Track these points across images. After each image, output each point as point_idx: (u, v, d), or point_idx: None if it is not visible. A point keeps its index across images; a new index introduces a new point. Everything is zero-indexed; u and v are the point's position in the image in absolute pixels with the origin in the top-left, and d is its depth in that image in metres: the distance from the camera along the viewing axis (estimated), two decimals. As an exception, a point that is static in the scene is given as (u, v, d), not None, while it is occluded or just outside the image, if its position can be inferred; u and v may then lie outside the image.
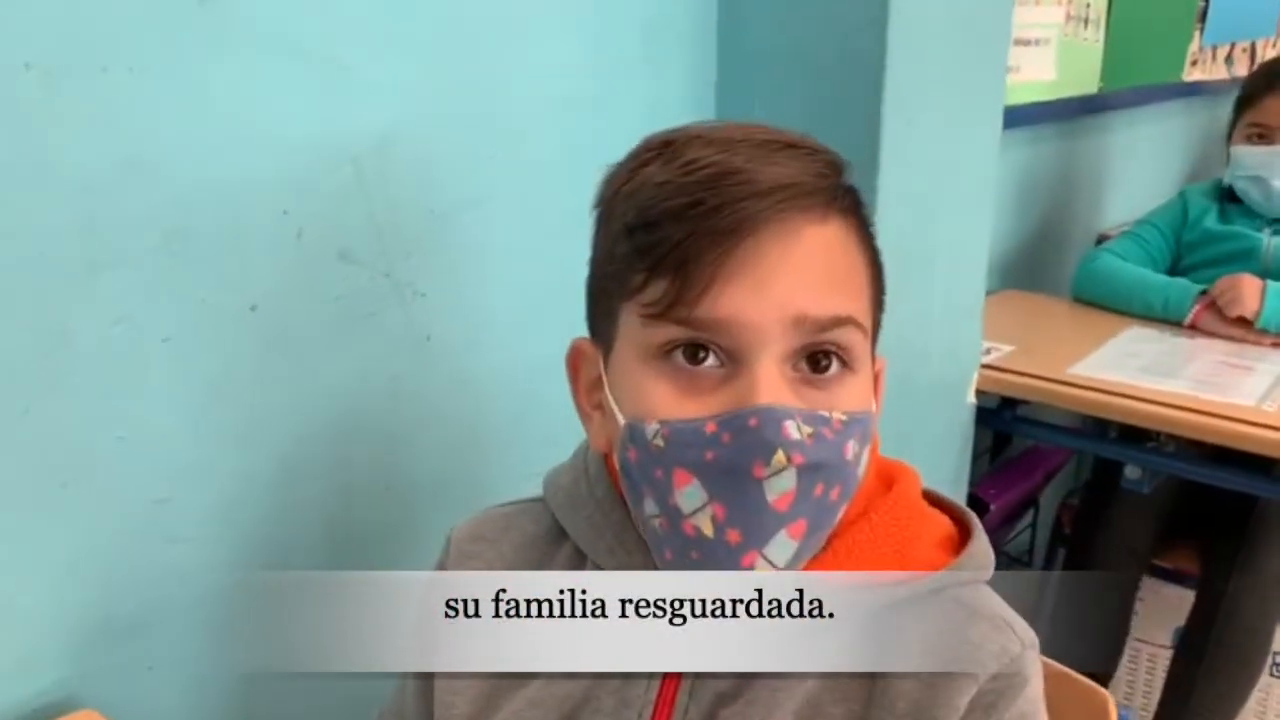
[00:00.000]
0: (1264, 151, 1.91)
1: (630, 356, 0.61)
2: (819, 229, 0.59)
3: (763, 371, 0.57)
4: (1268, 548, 1.66)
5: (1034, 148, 2.20)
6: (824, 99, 1.28)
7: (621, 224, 0.61)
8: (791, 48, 1.30)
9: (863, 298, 0.62)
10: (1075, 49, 2.17)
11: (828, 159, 0.62)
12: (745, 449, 0.56)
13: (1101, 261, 2.01)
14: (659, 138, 0.63)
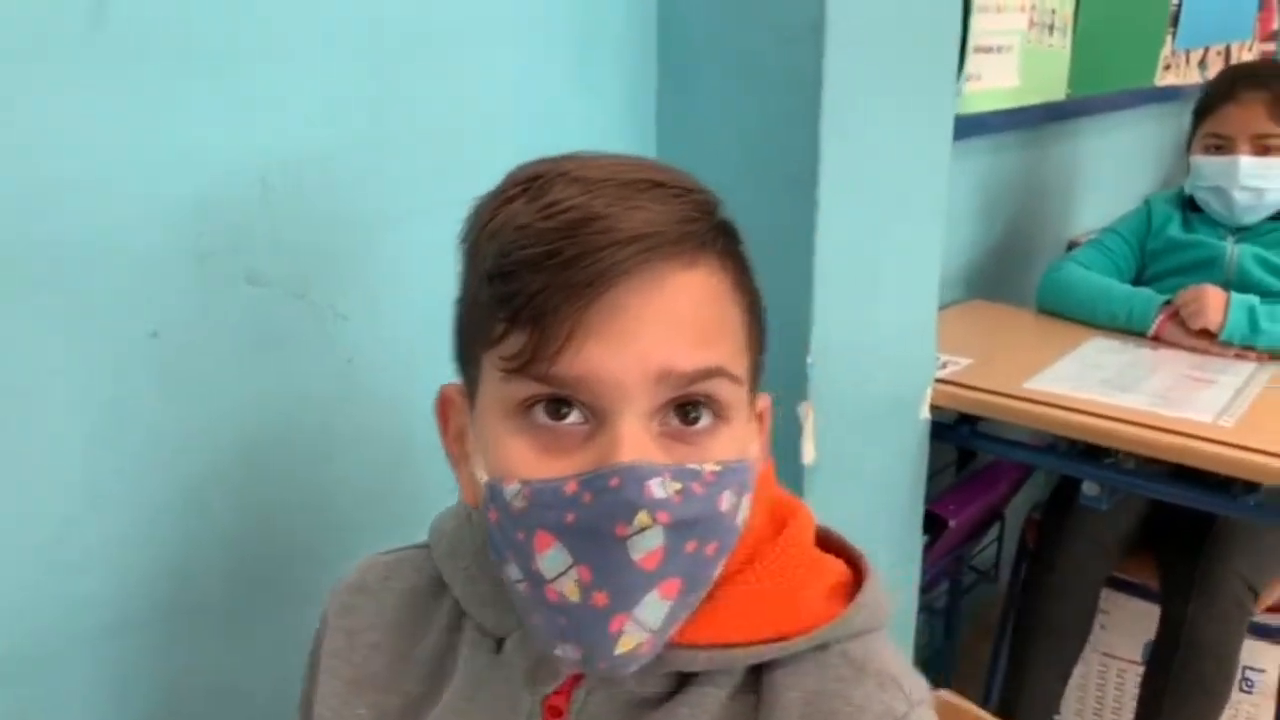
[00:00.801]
0: (1223, 162, 1.88)
1: (492, 410, 0.58)
2: (685, 276, 0.56)
3: (626, 428, 0.55)
4: (1225, 569, 1.64)
5: (998, 155, 2.17)
6: (763, 111, 1.25)
7: (483, 268, 0.58)
8: (730, 58, 1.27)
9: (735, 344, 0.59)
10: (1040, 55, 2.14)
11: (698, 199, 0.59)
12: (606, 509, 0.54)
13: (1065, 271, 1.98)
14: (527, 171, 0.60)
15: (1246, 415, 1.47)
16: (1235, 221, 1.92)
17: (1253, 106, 1.87)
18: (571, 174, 0.57)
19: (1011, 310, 2.03)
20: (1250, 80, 1.89)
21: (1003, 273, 2.23)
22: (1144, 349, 1.78)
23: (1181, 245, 1.96)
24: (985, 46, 1.95)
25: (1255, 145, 1.87)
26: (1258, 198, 1.88)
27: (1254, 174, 1.87)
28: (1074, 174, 2.47)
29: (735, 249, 0.61)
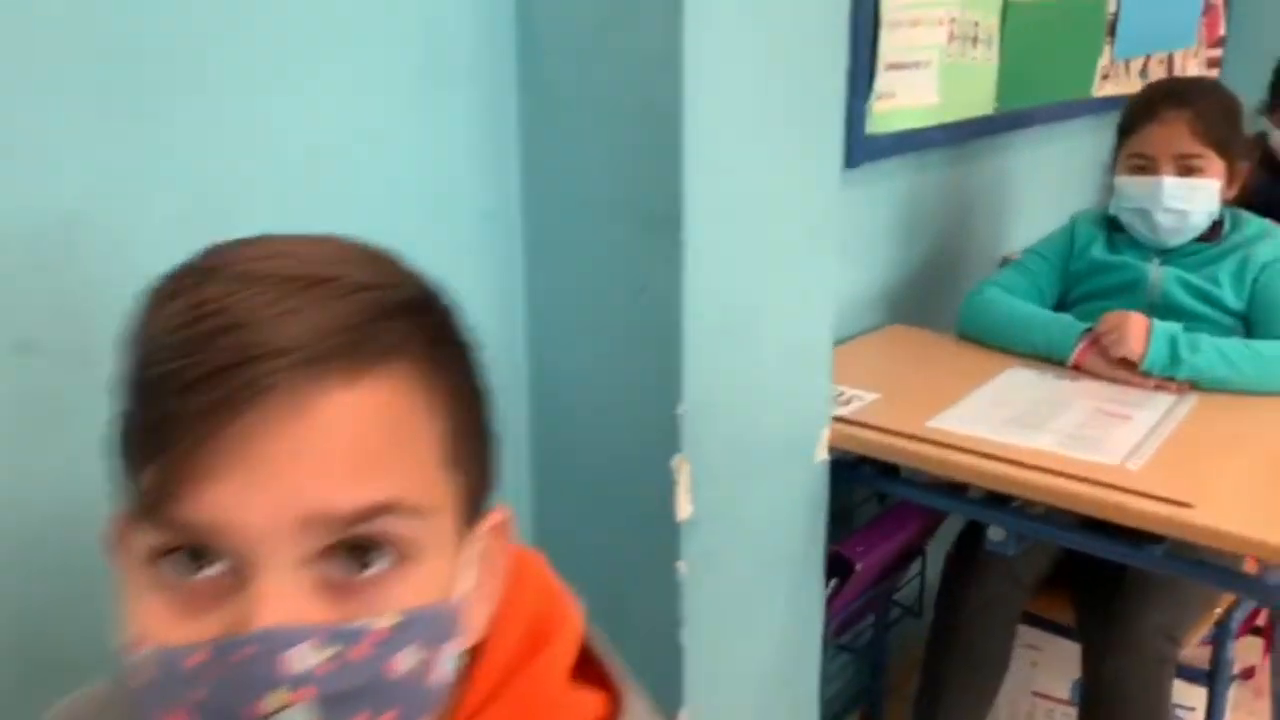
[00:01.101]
0: (1146, 183, 1.81)
1: (128, 558, 0.49)
2: (343, 395, 0.47)
3: (267, 585, 0.45)
4: (1144, 623, 1.56)
5: (921, 174, 2.09)
6: (625, 145, 1.17)
7: (127, 377, 0.49)
8: (591, 89, 1.18)
9: (422, 470, 0.50)
10: (963, 70, 2.07)
11: (373, 298, 0.49)
12: (237, 686, 0.45)
13: (984, 296, 1.90)
14: (199, 258, 0.51)
15: (1155, 457, 1.39)
16: (1159, 244, 1.85)
17: (1175, 125, 1.79)
18: (234, 267, 0.48)
19: (933, 337, 1.96)
20: (1172, 98, 1.82)
21: (929, 296, 2.15)
22: (1063, 380, 1.71)
23: (1105, 267, 1.89)
24: (900, 63, 1.87)
25: (1178, 166, 1.80)
26: (1181, 220, 1.81)
27: (1177, 196, 1.80)
28: (1006, 190, 2.40)
29: (435, 352, 0.51)
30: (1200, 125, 1.79)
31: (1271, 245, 1.80)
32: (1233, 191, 1.87)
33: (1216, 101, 1.84)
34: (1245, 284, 1.80)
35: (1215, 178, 1.81)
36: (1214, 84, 1.91)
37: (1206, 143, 1.79)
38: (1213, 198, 1.81)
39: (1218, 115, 1.81)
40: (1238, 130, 1.86)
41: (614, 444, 1.26)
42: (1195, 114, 1.79)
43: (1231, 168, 1.83)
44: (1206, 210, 1.82)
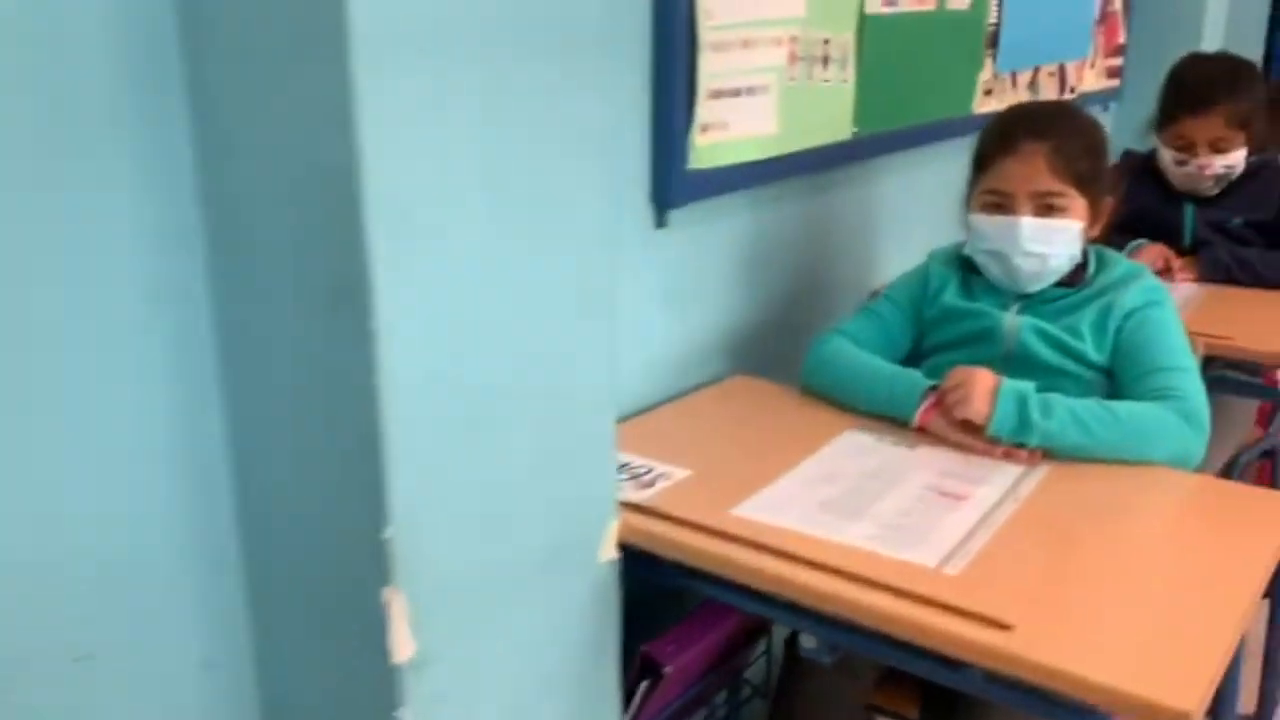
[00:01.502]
0: (1003, 223, 1.63)
1: None
2: None
3: None
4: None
5: (766, 210, 1.90)
6: (302, 213, 0.96)
7: None
8: (265, 150, 0.97)
9: None
10: (811, 94, 1.88)
11: None
12: None
13: (828, 346, 1.71)
14: None
15: (981, 556, 1.20)
16: (1018, 289, 1.67)
17: (1033, 160, 1.61)
18: None
19: (776, 390, 1.76)
20: (1029, 129, 1.64)
21: (781, 342, 1.96)
22: (902, 446, 1.52)
23: (958, 315, 1.71)
24: (728, 90, 1.67)
25: (1037, 205, 1.62)
26: (1041, 264, 1.63)
27: (1036, 238, 1.61)
28: (874, 221, 2.22)
29: None
30: (1060, 160, 1.61)
31: (1137, 291, 1.63)
32: (1096, 230, 1.69)
33: (1078, 132, 1.66)
34: (1108, 334, 1.62)
35: (1077, 217, 1.63)
36: (1075, 111, 1.73)
37: (1068, 179, 1.61)
38: (1075, 239, 1.64)
39: (1079, 148, 1.64)
40: (1101, 163, 1.68)
41: (321, 573, 1.05)
42: (1054, 147, 1.61)
43: (1095, 205, 1.66)
44: (1068, 253, 1.64)
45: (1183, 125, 2.32)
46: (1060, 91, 2.91)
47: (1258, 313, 2.11)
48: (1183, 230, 2.40)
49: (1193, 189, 2.37)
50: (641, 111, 1.57)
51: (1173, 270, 2.32)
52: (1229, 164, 2.31)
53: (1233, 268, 2.28)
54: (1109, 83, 3.27)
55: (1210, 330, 1.94)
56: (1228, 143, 2.29)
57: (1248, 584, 1.18)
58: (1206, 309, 2.14)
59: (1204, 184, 2.34)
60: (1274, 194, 2.35)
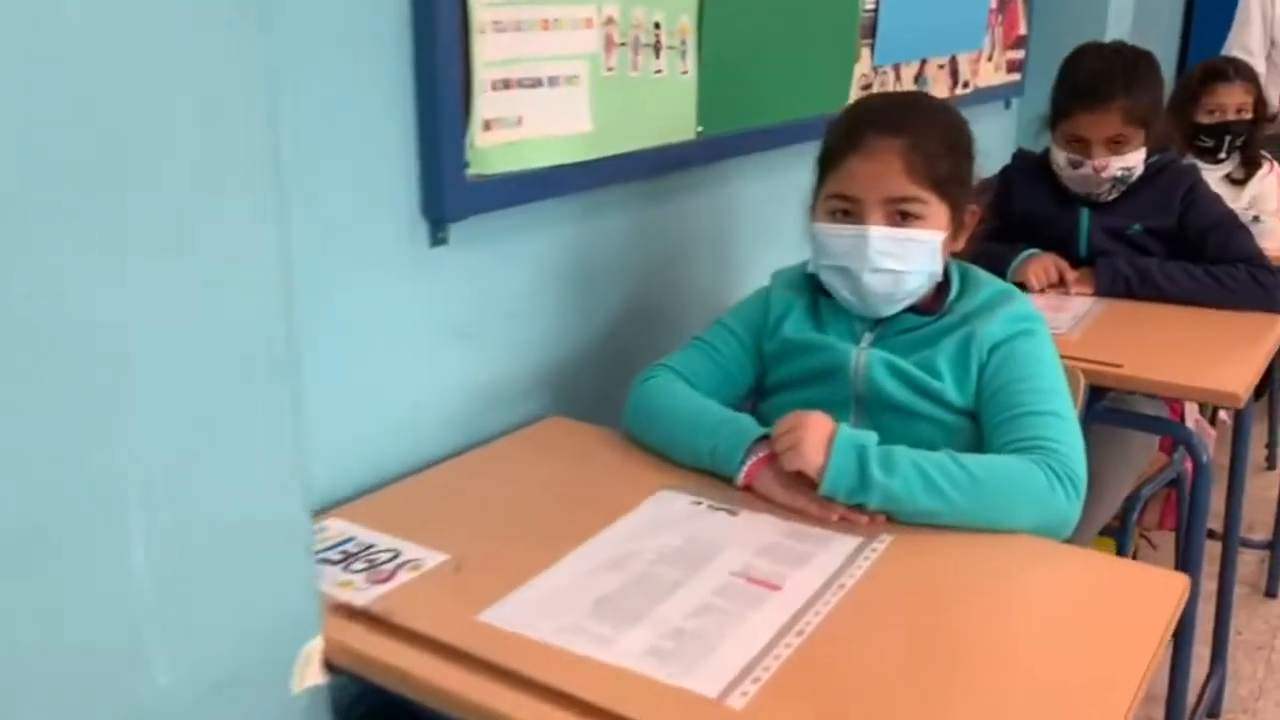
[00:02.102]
0: (850, 233, 1.37)
1: None
2: None
3: None
4: None
5: (586, 222, 1.62)
6: None
7: None
8: None
9: None
10: (637, 86, 1.61)
11: None
12: None
13: (650, 384, 1.44)
14: None
15: (780, 677, 0.94)
16: (869, 313, 1.42)
17: (884, 159, 1.36)
18: None
19: (595, 435, 1.48)
20: (880, 122, 1.38)
21: (608, 376, 1.68)
22: (721, 512, 1.25)
23: (800, 348, 1.45)
24: (525, 80, 1.40)
25: (889, 211, 1.36)
26: (894, 282, 1.38)
27: (888, 250, 1.36)
28: (727, 232, 1.95)
29: None
30: (917, 160, 1.35)
31: (1003, 319, 1.38)
32: (960, 243, 1.44)
33: (938, 128, 1.41)
34: (970, 371, 1.37)
35: (937, 227, 1.38)
36: (935, 104, 1.48)
37: (926, 182, 1.36)
38: (934, 254, 1.39)
39: (940, 146, 1.38)
40: (966, 164, 1.43)
41: None
42: (910, 145, 1.36)
43: (958, 213, 1.41)
44: (927, 270, 1.39)
45: (1076, 122, 2.08)
46: (953, 87, 2.67)
47: (1157, 333, 1.88)
48: (1077, 237, 2.17)
49: (1088, 192, 2.14)
50: (405, 108, 1.29)
51: (1066, 283, 2.09)
52: (1127, 165, 2.09)
53: (1132, 280, 2.05)
54: (1009, 78, 3.05)
55: (1101, 355, 1.71)
56: (1125, 142, 2.06)
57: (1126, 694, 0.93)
58: (1100, 329, 1.90)
59: (1100, 187, 2.12)
60: (1176, 198, 2.12)
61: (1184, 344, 1.82)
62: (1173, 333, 1.88)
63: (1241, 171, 2.86)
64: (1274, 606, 2.60)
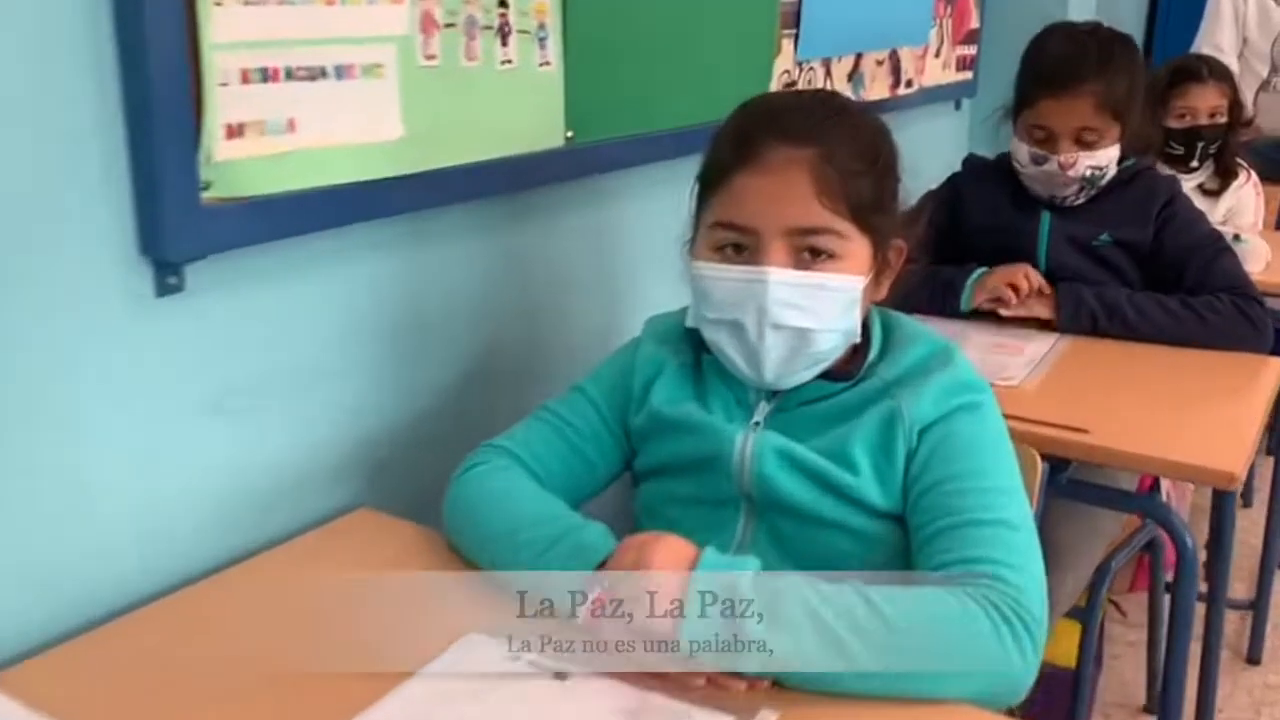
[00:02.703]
0: (742, 277, 1.02)
1: None
2: None
3: None
4: None
5: (413, 252, 1.26)
6: None
7: None
8: None
9: None
10: (476, 80, 1.25)
11: None
12: None
13: (472, 475, 1.09)
14: None
15: None
16: (765, 383, 1.07)
17: (787, 176, 1.01)
18: None
19: (412, 535, 1.13)
20: (780, 129, 1.03)
21: (441, 453, 1.30)
22: (543, 676, 0.90)
23: (670, 426, 1.10)
24: (296, 70, 1.03)
25: (794, 248, 1.02)
26: (799, 345, 1.03)
27: (791, 300, 1.01)
28: (606, 263, 1.59)
29: None
30: (833, 177, 1.01)
31: (939, 391, 1.03)
32: (883, 290, 1.10)
33: (860, 137, 1.06)
34: (895, 462, 1.02)
35: (855, 269, 1.04)
36: (855, 107, 1.13)
37: (843, 209, 1.02)
38: (851, 304, 1.04)
39: (861, 161, 1.04)
40: (892, 187, 1.09)
41: None
42: (824, 157, 1.01)
43: (881, 250, 1.07)
44: (841, 327, 1.05)
45: (1042, 110, 1.74)
46: (894, 86, 2.34)
47: (1129, 384, 1.55)
48: (1036, 245, 1.83)
49: (1051, 194, 1.80)
50: (108, 109, 0.92)
51: (1030, 292, 1.76)
52: (1097, 164, 1.75)
53: (1098, 315, 1.72)
54: (959, 76, 2.72)
55: (1062, 415, 1.38)
56: (1097, 135, 1.72)
57: None
58: (1061, 377, 1.57)
59: (1066, 188, 1.78)
60: (1153, 210, 1.79)
61: (1163, 397, 1.49)
62: (1149, 383, 1.55)
63: (1216, 182, 2.56)
64: (1258, 675, 2.28)
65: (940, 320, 1.80)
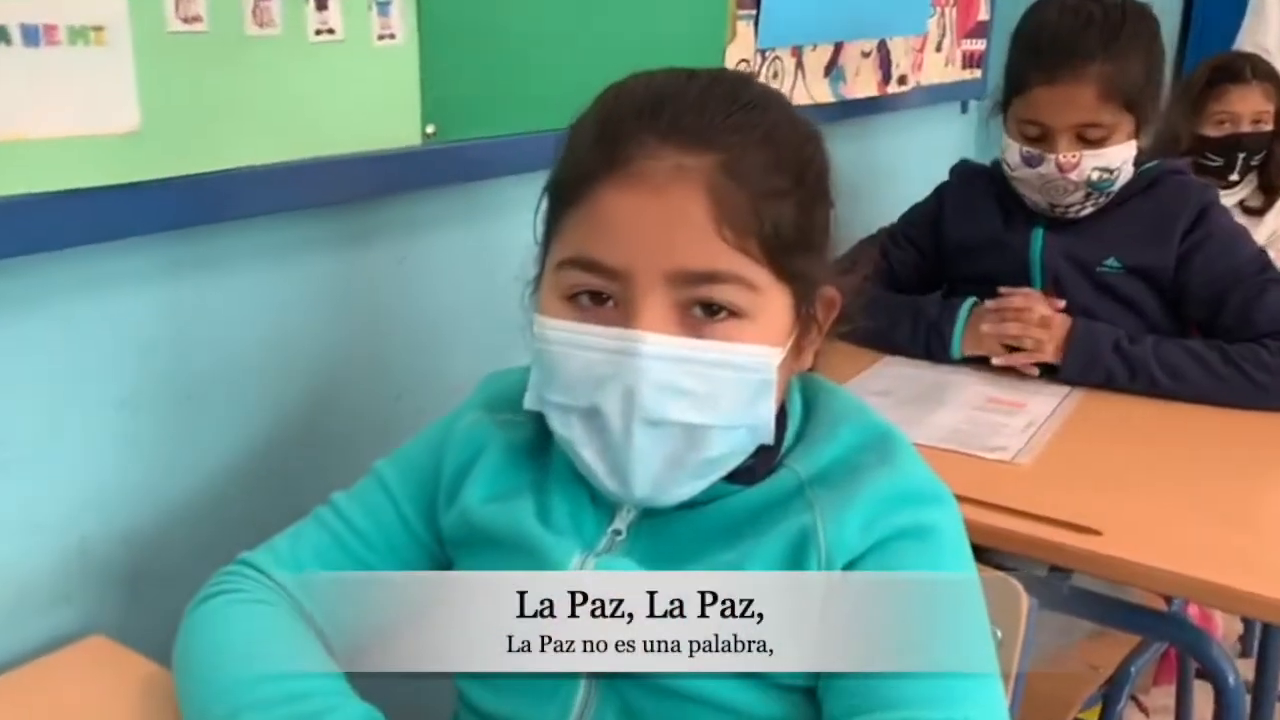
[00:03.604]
0: (603, 344, 0.70)
1: None
2: None
3: None
4: None
5: (175, 291, 0.93)
6: None
7: None
8: None
9: None
10: (269, 54, 0.93)
11: None
12: None
13: (208, 609, 0.76)
14: None
15: None
16: (635, 501, 0.73)
17: (673, 191, 0.68)
18: None
19: (146, 676, 0.81)
20: (661, 121, 0.70)
21: (221, 554, 0.98)
22: None
23: (483, 537, 0.77)
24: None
25: (678, 302, 0.69)
26: (684, 447, 0.70)
27: (672, 381, 0.69)
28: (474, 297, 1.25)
29: None
30: (740, 197, 0.69)
31: (873, 503, 0.70)
32: (807, 359, 0.78)
33: (781, 137, 0.73)
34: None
35: (769, 335, 0.72)
36: (773, 96, 0.78)
37: (752, 242, 0.69)
38: (761, 389, 0.71)
39: (781, 174, 0.71)
40: (823, 214, 0.76)
41: None
42: (725, 167, 0.69)
43: (804, 304, 0.74)
44: (746, 420, 0.72)
45: (1035, 100, 1.40)
46: (883, 83, 2.00)
47: (1161, 463, 1.20)
48: (1026, 268, 1.49)
49: (1050, 204, 1.46)
50: None
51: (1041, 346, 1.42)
52: (1105, 165, 1.39)
53: (1116, 374, 1.37)
54: (965, 74, 2.38)
55: (1067, 508, 1.04)
56: (1103, 130, 1.37)
57: None
58: (1066, 448, 1.22)
59: (1066, 195, 1.43)
60: (1178, 227, 1.42)
61: (1205, 480, 1.14)
62: (1179, 461, 1.20)
63: (1259, 198, 2.20)
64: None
65: (926, 366, 1.48)
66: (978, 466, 1.16)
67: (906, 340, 1.49)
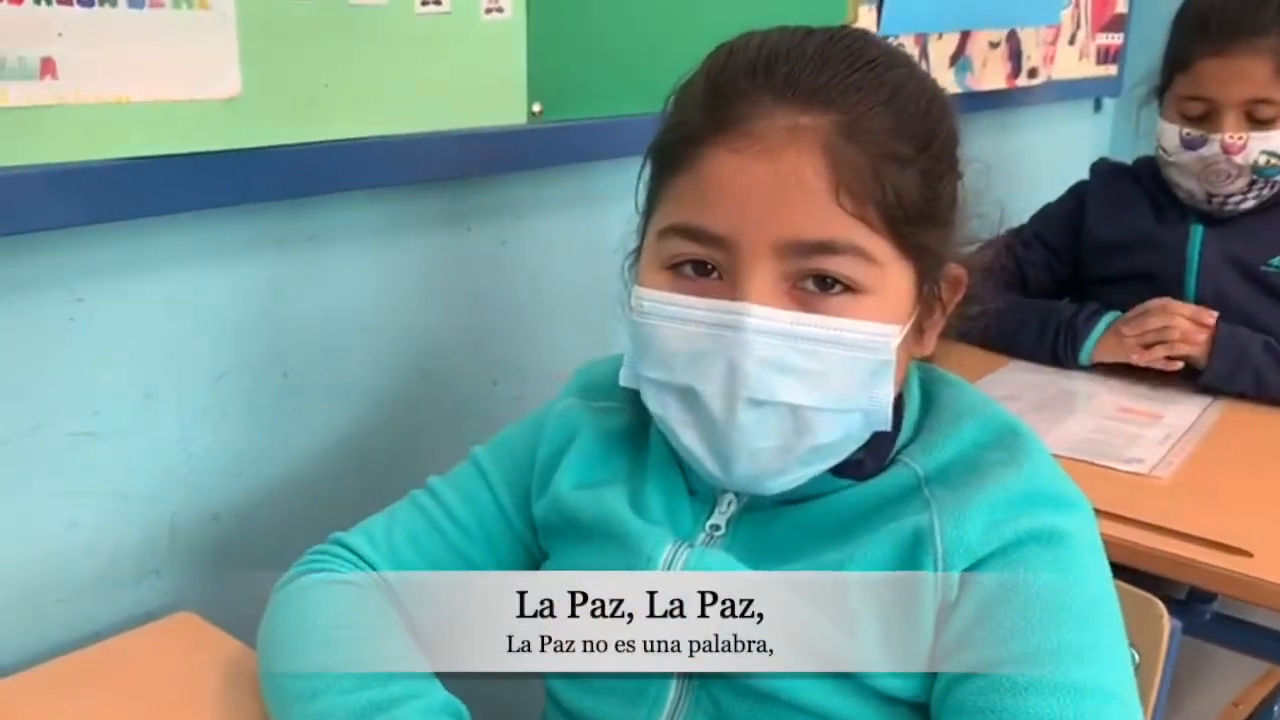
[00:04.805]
0: (707, 317, 0.65)
1: None
2: None
3: None
4: None
5: (276, 266, 0.92)
6: None
7: None
8: None
9: None
10: (373, 25, 0.91)
11: None
12: None
13: (293, 589, 0.74)
14: None
15: None
16: (737, 486, 0.68)
17: (790, 157, 0.63)
18: None
19: (231, 653, 0.79)
20: (781, 82, 0.64)
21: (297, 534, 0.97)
22: None
23: (575, 524, 0.73)
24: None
25: (789, 273, 0.64)
26: (790, 432, 0.65)
27: (779, 359, 0.63)
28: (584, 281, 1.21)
29: None
30: (859, 162, 0.63)
31: (1000, 505, 0.64)
32: (930, 343, 0.72)
33: (900, 104, 0.66)
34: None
35: (888, 311, 0.66)
36: (900, 58, 0.71)
37: (870, 211, 0.64)
38: (879, 370, 0.66)
39: (905, 139, 0.65)
40: (950, 186, 0.70)
41: None
42: (846, 129, 0.64)
43: (928, 282, 0.69)
44: (860, 405, 0.66)
45: (1201, 74, 1.30)
46: (1012, 75, 1.91)
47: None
48: (1183, 268, 1.39)
49: (1209, 193, 1.35)
50: None
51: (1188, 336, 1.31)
52: (1274, 149, 1.29)
53: (1267, 377, 1.27)
54: (1100, 70, 2.25)
55: (1212, 526, 0.95)
56: (1276, 105, 1.28)
57: None
58: (1211, 464, 1.13)
59: (1230, 182, 1.32)
60: None
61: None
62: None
63: None
64: None
65: (1051, 372, 1.39)
66: (1112, 478, 1.08)
67: (1033, 341, 1.41)
